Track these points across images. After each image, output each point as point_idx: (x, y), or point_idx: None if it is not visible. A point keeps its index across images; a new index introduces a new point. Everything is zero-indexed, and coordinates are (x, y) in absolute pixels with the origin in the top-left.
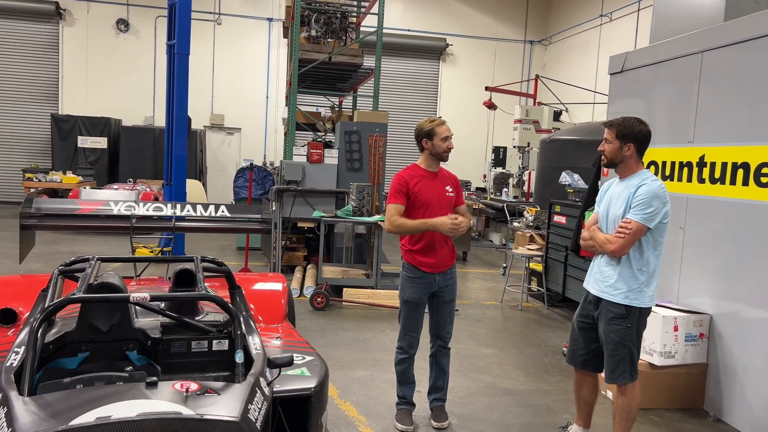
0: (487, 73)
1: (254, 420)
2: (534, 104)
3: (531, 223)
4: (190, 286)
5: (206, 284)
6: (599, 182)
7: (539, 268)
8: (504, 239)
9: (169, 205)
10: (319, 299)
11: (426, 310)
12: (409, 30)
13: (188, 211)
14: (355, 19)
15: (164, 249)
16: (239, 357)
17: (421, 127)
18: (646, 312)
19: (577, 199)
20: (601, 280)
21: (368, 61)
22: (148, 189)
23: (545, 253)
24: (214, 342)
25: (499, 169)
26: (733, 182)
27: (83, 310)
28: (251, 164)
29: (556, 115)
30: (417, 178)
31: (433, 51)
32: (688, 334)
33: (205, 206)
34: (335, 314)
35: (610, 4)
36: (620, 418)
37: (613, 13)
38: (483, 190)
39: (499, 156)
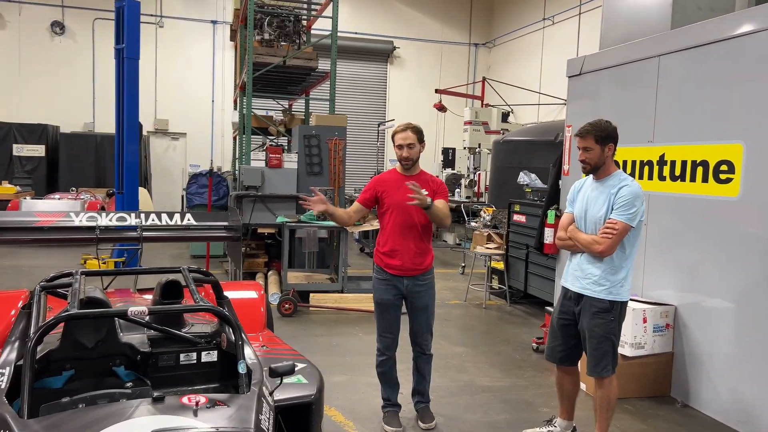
0: (434, 76)
1: (266, 430)
2: (482, 106)
3: (488, 223)
4: (176, 297)
5: (200, 295)
6: (560, 182)
7: (500, 266)
8: (458, 239)
9: (133, 215)
10: (287, 305)
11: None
12: (356, 33)
13: (153, 220)
14: (306, 22)
15: (117, 260)
16: (242, 368)
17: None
18: (625, 305)
19: (536, 199)
20: (583, 277)
21: (321, 64)
22: (92, 198)
23: (506, 251)
24: (203, 354)
25: (450, 170)
26: (693, 179)
27: (67, 326)
28: (210, 170)
29: (504, 117)
30: (388, 181)
31: (381, 53)
32: (656, 325)
33: (170, 214)
34: (304, 320)
35: (552, 8)
36: (601, 410)
37: (555, 17)
38: None
39: (449, 157)
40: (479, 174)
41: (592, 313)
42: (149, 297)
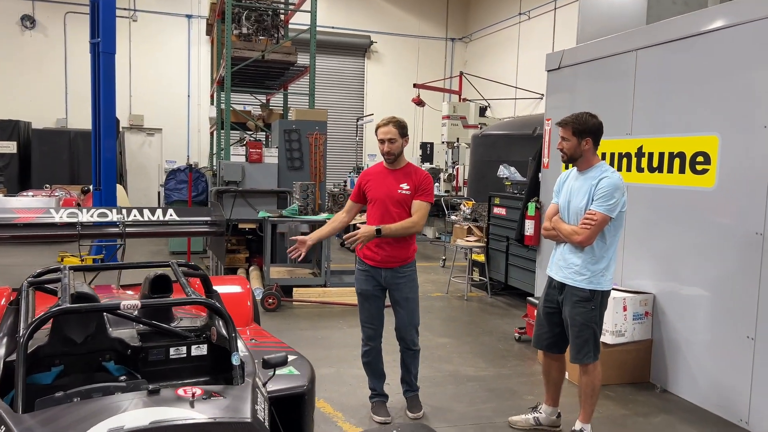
0: (411, 70)
1: (262, 420)
2: (459, 100)
3: (468, 216)
4: (165, 291)
5: (192, 289)
6: (540, 175)
7: (481, 258)
8: (437, 232)
9: (114, 211)
10: (270, 300)
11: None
12: (333, 27)
13: (135, 215)
14: (283, 16)
15: (96, 257)
16: (236, 359)
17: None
18: (607, 294)
19: (516, 192)
20: (565, 267)
21: (299, 59)
22: (67, 195)
23: (486, 243)
24: (193, 347)
25: (428, 165)
26: (670, 170)
27: (56, 322)
28: (189, 166)
29: (482, 111)
30: (372, 176)
31: (358, 48)
32: (636, 313)
33: (152, 210)
34: (288, 314)
35: (528, 2)
36: (586, 396)
37: (531, 12)
38: None
39: (427, 151)
40: (458, 168)
41: (574, 302)
42: (131, 293)
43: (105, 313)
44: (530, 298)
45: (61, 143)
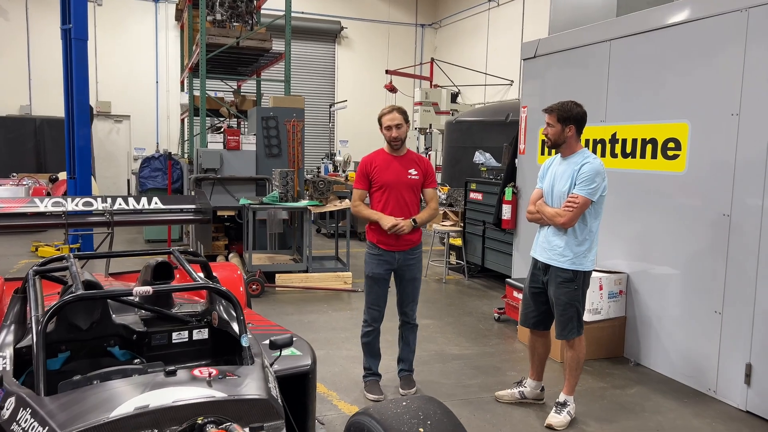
0: (382, 56)
1: (276, 397)
2: (431, 86)
3: (444, 201)
4: (167, 278)
5: (200, 275)
6: (516, 160)
7: (458, 242)
8: None
9: (99, 199)
10: (254, 286)
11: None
12: (303, 12)
13: (120, 204)
14: (256, 2)
15: (73, 246)
16: (245, 341)
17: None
18: (589, 275)
19: (491, 177)
20: (549, 249)
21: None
22: (37, 184)
23: (463, 228)
24: (194, 332)
25: None
26: (642, 156)
27: (63, 309)
28: (169, 154)
29: (453, 97)
30: (378, 162)
31: (329, 34)
32: (611, 291)
33: (137, 198)
34: (273, 300)
35: None
36: (570, 369)
37: None
38: None
39: None
40: (430, 154)
41: (558, 283)
42: (116, 283)
43: (108, 300)
44: (509, 280)
45: (26, 131)
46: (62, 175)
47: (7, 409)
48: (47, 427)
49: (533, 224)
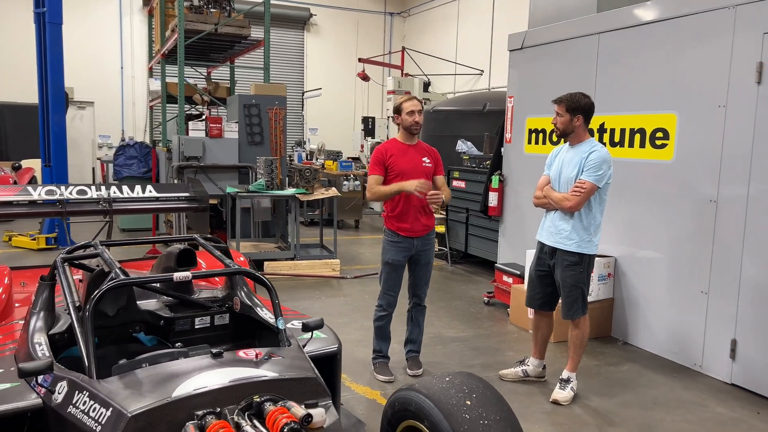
0: (351, 44)
1: (318, 375)
2: (402, 75)
3: None
4: (191, 265)
5: (231, 260)
6: (502, 149)
7: (440, 229)
8: None
9: (93, 188)
10: None
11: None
12: None
13: (115, 192)
14: None
15: (49, 236)
16: (281, 323)
17: (394, 103)
18: (593, 258)
19: (474, 165)
20: (556, 233)
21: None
22: (2, 172)
23: (446, 215)
24: (216, 317)
25: (377, 139)
26: (631, 145)
27: (88, 297)
28: (154, 142)
29: (426, 87)
30: (393, 150)
31: (298, 21)
32: (600, 275)
33: (131, 186)
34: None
35: None
36: (575, 347)
37: None
38: (357, 159)
39: (369, 126)
40: None
41: (564, 266)
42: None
43: (135, 287)
44: (498, 265)
45: None
46: (26, 163)
47: (60, 393)
48: (111, 408)
49: (519, 211)
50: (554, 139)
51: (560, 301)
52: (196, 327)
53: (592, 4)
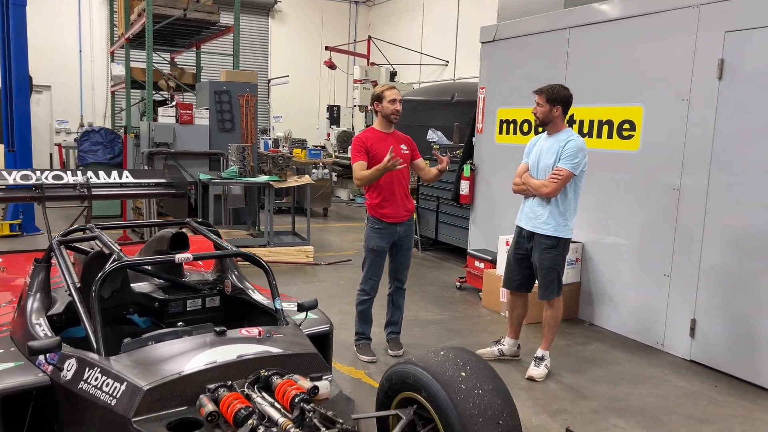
0: (317, 32)
1: (318, 352)
2: (368, 64)
3: None
4: (183, 248)
5: (227, 243)
6: (474, 139)
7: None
8: (351, 194)
9: (69, 173)
10: None
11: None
12: None
13: (92, 178)
14: None
15: (13, 222)
16: (279, 303)
17: (374, 92)
18: (569, 241)
19: (444, 154)
20: (534, 218)
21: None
22: None
23: (416, 203)
24: (207, 299)
25: (343, 128)
26: (599, 135)
27: (85, 280)
28: (125, 128)
29: (392, 76)
30: (373, 138)
31: (262, 7)
32: (569, 259)
33: (108, 172)
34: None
35: None
36: (549, 326)
37: None
38: (323, 147)
39: (333, 114)
40: None
41: (542, 249)
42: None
43: (129, 270)
44: (470, 251)
45: None
46: None
47: (69, 370)
48: (125, 383)
49: (490, 199)
50: (525, 129)
51: (537, 282)
52: (188, 309)
53: (559, 1)
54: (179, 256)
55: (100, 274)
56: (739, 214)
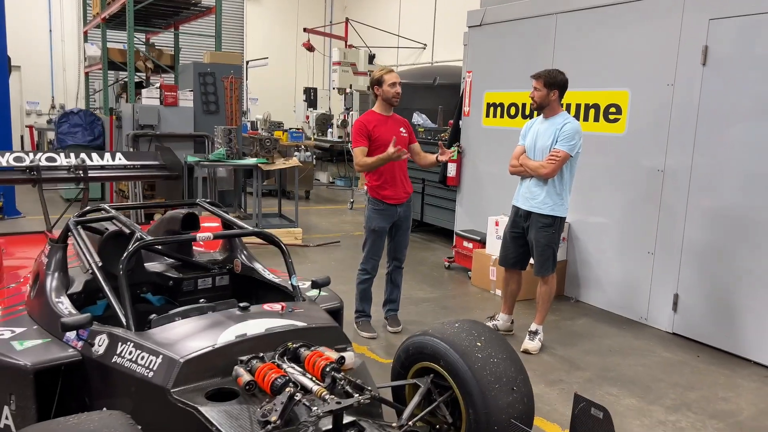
0: (292, 14)
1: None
2: (346, 47)
3: None
4: (194, 228)
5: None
6: (460, 122)
7: None
8: (332, 177)
9: (62, 155)
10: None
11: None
12: None
13: (85, 160)
14: None
15: None
16: (294, 280)
17: (373, 76)
18: (564, 220)
19: (429, 137)
20: (531, 198)
21: None
22: None
23: None
24: (217, 278)
25: (320, 110)
26: (586, 119)
27: (101, 258)
28: (112, 109)
29: (371, 59)
30: (374, 122)
31: None
32: None
33: (101, 154)
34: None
35: None
36: (542, 302)
37: None
38: (300, 130)
39: (310, 97)
40: (344, 115)
41: (538, 228)
42: None
43: (144, 250)
44: (459, 231)
45: None
46: None
47: (101, 345)
48: (161, 356)
49: (477, 181)
50: (512, 112)
51: (533, 259)
52: (199, 288)
53: None
54: (200, 235)
55: (126, 253)
56: (719, 194)
